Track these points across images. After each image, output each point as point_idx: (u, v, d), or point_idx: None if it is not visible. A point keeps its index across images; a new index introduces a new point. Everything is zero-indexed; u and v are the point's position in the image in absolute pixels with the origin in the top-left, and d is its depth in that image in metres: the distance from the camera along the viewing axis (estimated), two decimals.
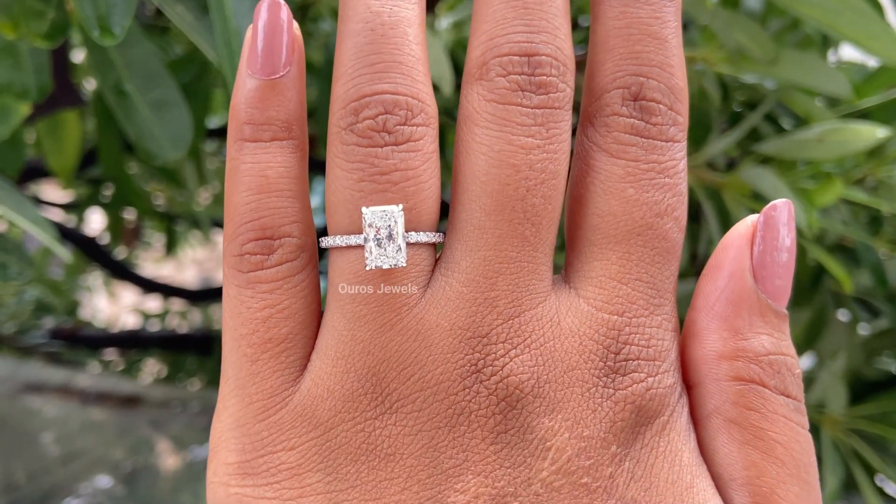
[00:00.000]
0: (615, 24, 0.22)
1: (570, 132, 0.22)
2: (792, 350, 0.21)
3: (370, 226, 0.20)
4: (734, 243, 0.21)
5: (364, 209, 0.20)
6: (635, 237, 0.21)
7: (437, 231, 0.21)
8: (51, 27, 0.34)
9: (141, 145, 0.34)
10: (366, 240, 0.20)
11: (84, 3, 0.26)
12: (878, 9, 0.32)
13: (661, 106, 0.21)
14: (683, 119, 0.22)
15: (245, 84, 0.22)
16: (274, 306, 0.21)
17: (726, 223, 0.37)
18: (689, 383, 0.22)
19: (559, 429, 0.20)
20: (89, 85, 0.75)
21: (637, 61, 0.22)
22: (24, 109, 0.39)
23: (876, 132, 0.31)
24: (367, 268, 0.20)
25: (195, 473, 1.10)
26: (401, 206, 0.20)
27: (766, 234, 0.21)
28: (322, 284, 0.23)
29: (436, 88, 0.44)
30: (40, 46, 0.34)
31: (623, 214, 0.21)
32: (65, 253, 0.36)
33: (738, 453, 0.21)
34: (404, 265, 0.20)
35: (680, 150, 0.22)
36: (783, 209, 0.21)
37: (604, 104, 0.22)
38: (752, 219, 0.22)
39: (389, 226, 0.20)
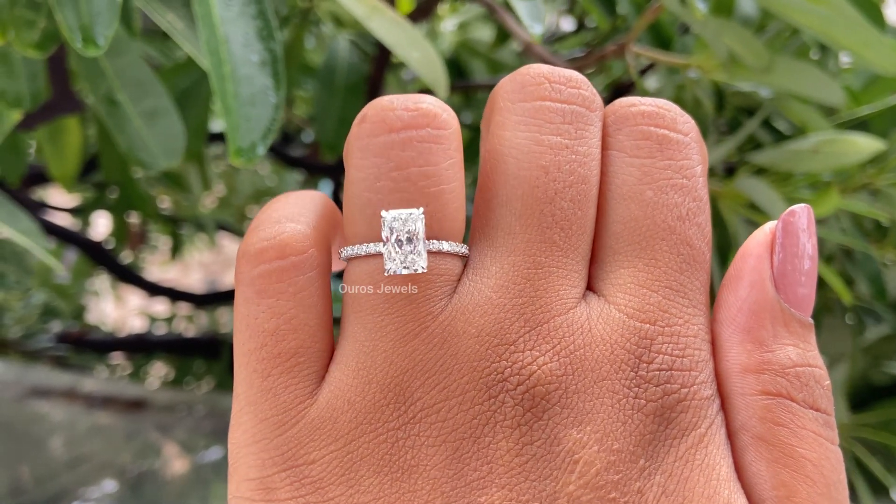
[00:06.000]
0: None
1: (599, 140, 0.22)
2: (820, 361, 0.21)
3: (390, 230, 0.20)
4: (753, 252, 0.21)
5: (384, 212, 0.20)
6: (659, 242, 0.21)
7: (463, 242, 0.21)
8: (42, 36, 0.34)
9: (132, 155, 0.34)
10: (385, 244, 0.20)
11: (67, 12, 0.25)
12: (877, 16, 0.32)
13: (671, 103, 0.22)
14: (693, 124, 0.22)
15: None
16: (281, 316, 0.20)
17: (722, 233, 0.37)
18: None
19: (588, 441, 0.19)
20: None
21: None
22: (16, 116, 0.38)
23: (872, 145, 0.30)
24: (386, 273, 0.20)
25: (202, 477, 1.10)
26: (421, 209, 0.20)
27: (786, 241, 0.21)
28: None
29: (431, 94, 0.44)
30: (31, 56, 0.34)
31: (644, 218, 0.21)
32: (58, 265, 0.36)
33: (767, 472, 0.20)
34: (425, 271, 0.20)
35: (695, 153, 0.21)
36: (802, 214, 0.21)
37: (616, 108, 0.22)
38: (770, 225, 0.21)
39: (409, 230, 0.20)
